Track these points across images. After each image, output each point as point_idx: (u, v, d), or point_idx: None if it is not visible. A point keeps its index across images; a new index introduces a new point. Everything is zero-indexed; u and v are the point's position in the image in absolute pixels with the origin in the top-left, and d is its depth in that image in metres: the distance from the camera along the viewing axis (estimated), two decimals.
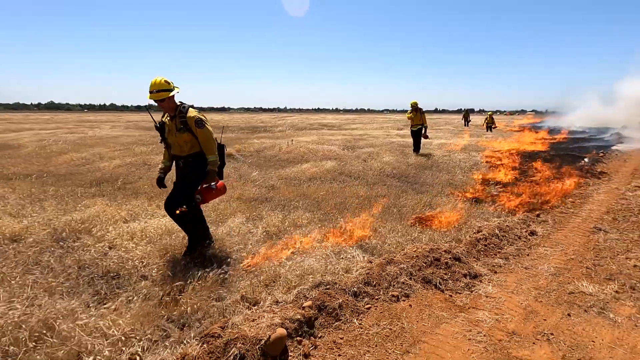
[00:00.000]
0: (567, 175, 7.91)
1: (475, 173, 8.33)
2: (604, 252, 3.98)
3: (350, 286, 2.71)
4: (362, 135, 18.32)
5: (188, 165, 3.35)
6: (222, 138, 3.81)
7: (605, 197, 6.42)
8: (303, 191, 6.54)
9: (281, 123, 34.16)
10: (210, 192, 3.44)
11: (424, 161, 9.73)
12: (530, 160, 10.16)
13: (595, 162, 10.16)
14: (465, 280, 3.18)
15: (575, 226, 4.89)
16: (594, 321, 2.61)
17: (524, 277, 3.35)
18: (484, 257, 3.75)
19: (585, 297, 2.96)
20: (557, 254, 3.95)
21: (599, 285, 3.16)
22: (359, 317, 2.48)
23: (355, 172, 8.12)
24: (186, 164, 3.36)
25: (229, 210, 5.13)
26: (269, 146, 12.38)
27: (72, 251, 3.43)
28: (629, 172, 8.76)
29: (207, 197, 3.46)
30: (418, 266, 3.19)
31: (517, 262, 3.73)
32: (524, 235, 4.49)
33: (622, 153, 12.44)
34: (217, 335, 2.00)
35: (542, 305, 2.83)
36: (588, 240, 4.37)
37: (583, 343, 2.35)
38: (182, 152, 3.33)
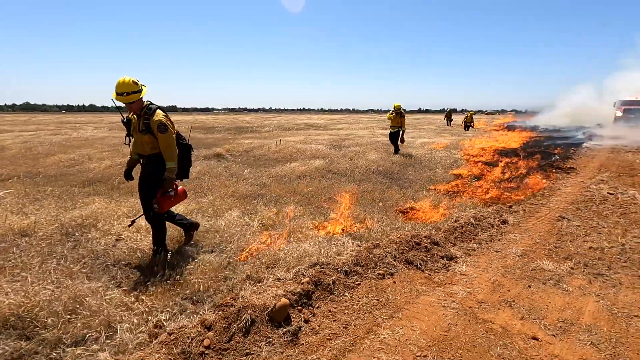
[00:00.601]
0: (539, 171, 8.51)
1: (455, 169, 8.85)
2: (565, 236, 4.47)
3: (342, 266, 3.08)
4: (348, 135, 18.75)
5: (150, 164, 3.33)
6: (208, 139, 4.08)
7: (572, 190, 7.00)
8: (293, 188, 6.88)
9: (267, 123, 34.33)
10: (168, 199, 3.35)
11: (407, 159, 10.21)
12: (506, 157, 10.78)
13: (565, 158, 10.85)
14: (442, 262, 3.60)
15: (542, 215, 5.40)
16: (549, 291, 3.06)
17: (494, 258, 3.79)
18: (460, 242, 4.19)
19: (544, 273, 3.41)
20: (525, 239, 4.42)
21: (558, 263, 3.63)
22: (350, 291, 2.86)
23: (342, 170, 8.51)
24: (149, 162, 3.34)
25: (224, 205, 5.42)
26: (257, 146, 12.66)
27: (84, 243, 3.68)
28: (595, 168, 9.44)
29: (164, 205, 3.33)
30: (401, 250, 3.59)
31: (489, 246, 4.17)
32: (497, 224, 4.96)
33: (591, 150, 13.25)
34: (230, 305, 2.34)
35: (507, 280, 3.27)
36: (553, 227, 4.87)
37: (539, 307, 2.78)
38: (144, 151, 3.32)
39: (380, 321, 2.51)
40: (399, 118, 11.03)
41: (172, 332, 2.11)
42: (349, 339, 2.31)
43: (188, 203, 5.48)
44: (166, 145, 3.21)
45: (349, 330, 2.40)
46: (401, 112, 11.07)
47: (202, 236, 3.96)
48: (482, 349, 2.25)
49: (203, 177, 7.87)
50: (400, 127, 11.11)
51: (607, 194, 6.58)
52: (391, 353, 2.17)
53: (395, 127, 11.19)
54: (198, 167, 8.99)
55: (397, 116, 11.00)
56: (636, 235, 4.47)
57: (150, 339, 2.12)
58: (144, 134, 3.20)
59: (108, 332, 2.18)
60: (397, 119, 11.04)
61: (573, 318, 2.63)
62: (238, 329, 2.20)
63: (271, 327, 2.30)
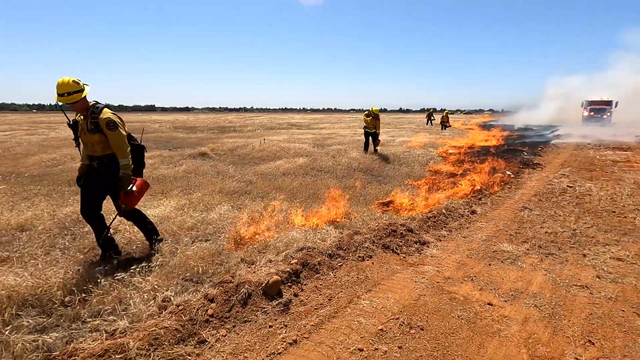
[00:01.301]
0: (508, 167, 9.14)
1: (431, 166, 9.38)
2: (526, 224, 4.99)
3: (326, 250, 3.45)
4: (331, 134, 19.18)
5: (103, 166, 3.24)
6: (191, 138, 4.35)
7: (536, 184, 7.62)
8: (279, 184, 7.21)
9: (250, 123, 34.37)
10: (132, 196, 3.32)
11: (387, 157, 10.69)
12: (479, 154, 11.43)
13: (533, 155, 11.61)
14: (416, 246, 4.02)
15: (507, 206, 5.93)
16: (506, 268, 3.52)
17: (461, 243, 4.25)
18: (432, 230, 4.63)
19: (504, 253, 3.88)
20: (490, 226, 4.91)
21: (516, 246, 4.12)
22: (334, 271, 3.23)
23: (325, 167, 8.88)
24: (101, 164, 3.24)
25: (214, 201, 5.70)
26: (241, 145, 12.88)
27: (83, 235, 3.90)
28: (559, 163, 10.19)
29: (132, 202, 3.33)
30: (379, 236, 3.99)
31: (458, 233, 4.63)
32: (466, 214, 5.44)
33: (558, 147, 14.15)
34: (229, 281, 2.66)
35: (471, 260, 3.71)
36: (516, 216, 5.39)
37: (496, 281, 3.23)
38: (95, 152, 3.23)
39: (360, 294, 2.89)
40: (374, 121, 11.31)
41: (179, 304, 2.42)
42: (332, 308, 2.68)
43: (179, 199, 5.73)
44: (117, 143, 3.15)
45: (333, 302, 2.77)
46: (377, 116, 11.33)
47: (196, 227, 4.24)
48: (445, 312, 2.66)
49: (190, 175, 8.08)
50: (375, 129, 11.38)
51: (567, 187, 7.22)
52: (369, 317, 2.55)
53: (371, 129, 11.45)
54: (184, 166, 9.18)
55: (374, 119, 11.29)
56: (586, 221, 5.04)
57: (160, 311, 2.42)
58: (93, 133, 3.12)
59: (122, 307, 2.47)
60: (373, 121, 11.32)
61: (523, 288, 3.09)
62: (237, 300, 2.53)
63: (265, 299, 2.64)
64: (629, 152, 12.50)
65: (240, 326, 2.40)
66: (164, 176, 7.96)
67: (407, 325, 2.48)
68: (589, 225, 4.85)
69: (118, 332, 2.15)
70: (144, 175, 3.70)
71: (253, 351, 2.18)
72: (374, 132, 11.45)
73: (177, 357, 2.04)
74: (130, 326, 2.22)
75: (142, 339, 2.05)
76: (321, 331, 2.39)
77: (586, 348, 2.28)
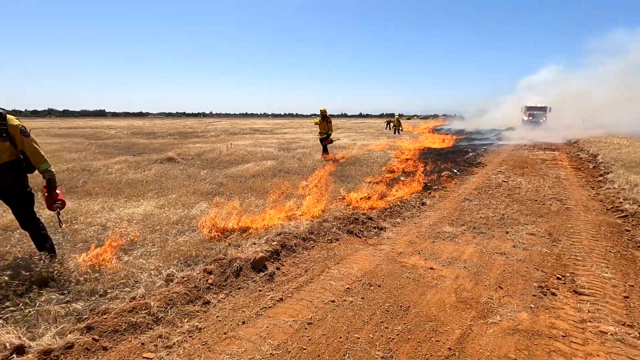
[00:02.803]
0: (455, 166, 10.30)
1: (387, 166, 10.32)
2: (465, 211, 5.93)
3: (300, 234, 4.08)
4: (294, 139, 19.82)
5: (7, 173, 3.11)
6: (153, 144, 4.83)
7: (477, 180, 8.75)
8: (249, 185, 7.72)
9: (211, 128, 34.14)
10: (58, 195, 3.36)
11: (349, 159, 11.52)
12: (430, 155, 12.62)
13: (477, 155, 13.01)
14: (374, 231, 4.76)
15: (452, 199, 6.90)
16: (446, 243, 4.35)
17: (412, 227, 5.06)
18: (389, 218, 5.41)
19: (445, 234, 4.73)
20: (436, 214, 5.79)
21: (455, 228, 5.00)
22: (308, 250, 3.87)
23: (292, 169, 9.51)
24: (5, 172, 3.10)
25: (191, 200, 6.12)
26: (208, 150, 13.16)
27: (75, 232, 4.22)
28: (498, 162, 11.57)
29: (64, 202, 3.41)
30: (344, 223, 4.69)
31: (410, 220, 5.45)
32: (417, 205, 6.31)
33: (499, 148, 15.83)
34: (222, 258, 3.21)
35: (419, 239, 4.51)
36: (458, 206, 6.34)
37: (437, 253, 4.04)
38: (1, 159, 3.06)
39: (330, 266, 3.55)
40: (325, 123, 11.14)
41: (183, 277, 2.94)
42: (308, 276, 3.31)
43: (157, 199, 6.08)
44: (33, 149, 3.10)
45: (308, 272, 3.40)
46: (328, 117, 11.14)
47: (181, 222, 4.69)
48: (397, 275, 3.39)
49: (161, 179, 8.35)
50: (328, 133, 11.25)
51: (502, 182, 8.41)
52: (338, 280, 3.22)
53: (323, 134, 11.25)
54: (153, 170, 9.39)
55: (324, 121, 11.08)
56: (513, 208, 6.08)
57: (167, 283, 2.92)
58: (4, 140, 2.99)
59: (133, 282, 2.93)
60: (324, 124, 11.13)
61: (457, 256, 3.91)
62: (231, 272, 3.09)
63: (254, 272, 3.22)
64: (556, 152, 14.35)
65: (235, 291, 2.96)
66: (134, 180, 8.17)
67: (367, 284, 3.17)
68: (515, 211, 5.89)
69: (138, 297, 2.64)
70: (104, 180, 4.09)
71: (249, 307, 2.76)
72: (324, 137, 11.27)
73: (189, 312, 2.57)
74: (146, 293, 2.71)
75: (160, 300, 2.56)
76: (301, 292, 3.02)
77: (496, 291, 3.11)
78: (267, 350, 2.23)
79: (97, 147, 16.11)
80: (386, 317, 2.65)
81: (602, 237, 4.57)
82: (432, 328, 2.54)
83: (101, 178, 8.53)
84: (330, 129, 11.28)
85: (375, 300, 2.91)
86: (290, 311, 2.70)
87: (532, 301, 2.94)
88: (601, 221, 5.29)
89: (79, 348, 2.07)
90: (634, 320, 2.65)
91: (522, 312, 2.76)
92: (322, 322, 2.56)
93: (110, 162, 10.78)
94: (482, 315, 2.72)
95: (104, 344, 2.14)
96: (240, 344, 2.29)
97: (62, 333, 2.22)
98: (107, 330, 2.23)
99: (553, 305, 2.88)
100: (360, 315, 2.67)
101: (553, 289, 3.16)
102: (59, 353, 2.01)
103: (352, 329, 2.50)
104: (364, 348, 2.29)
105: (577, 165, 10.93)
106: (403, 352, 2.26)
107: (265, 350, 2.23)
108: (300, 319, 2.59)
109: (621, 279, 3.36)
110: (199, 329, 2.43)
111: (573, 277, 3.40)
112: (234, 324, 2.52)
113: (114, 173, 9.22)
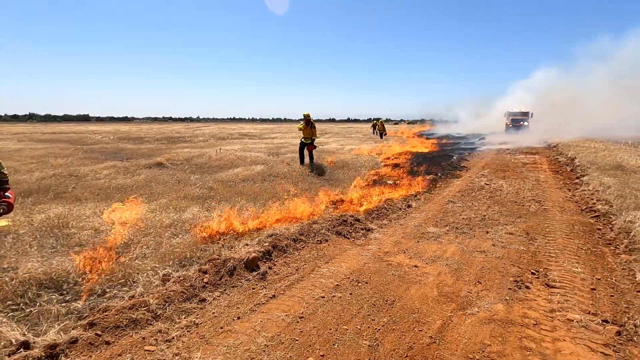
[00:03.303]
0: (440, 169, 10.62)
1: (375, 170, 10.57)
2: (449, 213, 6.19)
3: (291, 235, 4.24)
4: (283, 144, 19.94)
5: None
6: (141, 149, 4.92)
7: (461, 183, 9.06)
8: (239, 190, 7.83)
9: (199, 133, 33.97)
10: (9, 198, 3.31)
11: (338, 163, 11.73)
12: (416, 159, 12.93)
13: (461, 159, 13.40)
14: (362, 232, 4.95)
15: (437, 201, 7.16)
16: (430, 243, 4.57)
17: (398, 228, 5.27)
18: (376, 220, 5.62)
19: (429, 234, 4.96)
20: (421, 216, 6.02)
21: (439, 228, 5.23)
22: (298, 251, 4.03)
23: (282, 174, 9.65)
24: None
25: (183, 204, 6.21)
26: (197, 155, 13.19)
27: (69, 236, 4.29)
28: (481, 166, 11.96)
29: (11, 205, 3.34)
30: (333, 225, 4.87)
31: (396, 222, 5.67)
32: (403, 207, 6.54)
33: (482, 152, 16.31)
34: (217, 259, 3.35)
35: (405, 239, 4.73)
36: (442, 207, 6.60)
37: (421, 252, 4.25)
38: None
39: (320, 265, 3.72)
40: (309, 129, 10.78)
41: (179, 276, 3.06)
42: (299, 275, 3.47)
43: (149, 204, 6.15)
44: None
45: (299, 271, 3.56)
46: (311, 122, 10.81)
47: (174, 225, 4.78)
48: (383, 272, 3.58)
49: (151, 184, 8.39)
50: (312, 138, 10.87)
51: (484, 184, 8.73)
52: (327, 278, 3.39)
53: (307, 139, 10.85)
54: (143, 175, 9.41)
55: (308, 126, 10.73)
56: (494, 209, 6.36)
57: (164, 282, 3.04)
58: None
59: (131, 282, 3.04)
60: (308, 129, 10.77)
61: (440, 255, 4.13)
62: (225, 272, 3.23)
63: (247, 271, 3.36)
64: (537, 155, 14.87)
65: (229, 289, 3.10)
66: (124, 185, 8.19)
67: (355, 281, 3.35)
68: (495, 212, 6.17)
69: (137, 295, 2.76)
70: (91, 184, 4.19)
71: (243, 303, 2.90)
72: (309, 142, 10.94)
73: (186, 309, 2.70)
74: (144, 291, 2.83)
75: (158, 298, 2.68)
76: (292, 289, 3.18)
77: (475, 285, 3.32)
78: (262, 342, 2.38)
79: (84, 152, 15.94)
80: (373, 311, 2.83)
81: (575, 236, 4.87)
82: (415, 319, 2.73)
83: (90, 183, 8.52)
84: (314, 134, 11.06)
85: (362, 295, 3.09)
86: (283, 307, 2.86)
87: (507, 294, 3.16)
88: (575, 221, 5.60)
89: (83, 342, 2.19)
90: (598, 309, 2.90)
91: (498, 304, 2.98)
92: (313, 316, 2.73)
93: (98, 168, 10.73)
94: (462, 308, 2.93)
95: (106, 338, 2.26)
96: (236, 337, 2.44)
97: (65, 330, 2.33)
98: (108, 326, 2.34)
99: (526, 297, 3.11)
100: (348, 309, 2.85)
101: (527, 282, 3.40)
102: (64, 347, 2.13)
103: (341, 321, 2.67)
104: (352, 338, 2.46)
105: (555, 169, 11.39)
106: (388, 341, 2.44)
107: (260, 342, 2.38)
108: (292, 314, 2.75)
109: (589, 273, 3.63)
110: (197, 324, 2.57)
111: (546, 272, 3.65)
112: (230, 319, 2.66)
113: (102, 178, 9.21)
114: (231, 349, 2.30)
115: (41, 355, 2.02)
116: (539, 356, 2.31)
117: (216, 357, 2.22)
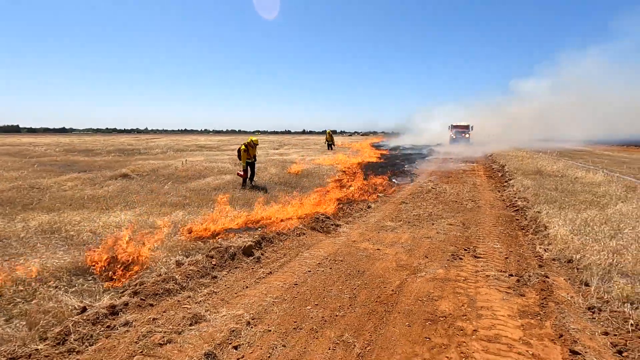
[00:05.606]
0: (393, 176, 11.92)
1: (335, 178, 11.61)
2: (402, 211, 7.31)
3: (275, 230, 5.02)
4: None
5: None
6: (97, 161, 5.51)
7: (412, 187, 10.36)
8: (213, 198, 8.40)
9: (154, 145, 33.16)
10: None
11: (302, 172, 12.61)
12: (371, 168, 14.22)
13: (412, 167, 14.93)
14: (332, 227, 5.86)
15: (392, 202, 8.29)
16: (388, 233, 5.59)
17: (362, 224, 6.25)
18: (343, 218, 6.56)
19: (387, 227, 5.99)
20: (380, 214, 7.07)
21: (395, 223, 6.29)
22: (282, 242, 4.83)
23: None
24: None
25: (165, 210, 6.70)
26: (162, 166, 13.39)
27: (70, 238, 4.70)
28: (429, 172, 13.50)
29: None
30: (308, 222, 5.72)
31: (359, 219, 6.65)
32: (364, 208, 7.57)
33: (430, 161, 18.11)
34: (220, 246, 4.05)
35: (368, 231, 5.70)
36: (396, 207, 7.72)
37: (382, 239, 5.24)
38: None
39: (302, 251, 4.56)
40: (254, 150, 10.88)
41: (192, 261, 3.73)
42: (287, 258, 4.28)
43: (132, 211, 6.57)
44: None
45: (287, 256, 4.37)
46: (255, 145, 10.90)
47: (168, 225, 5.34)
48: (354, 254, 4.50)
49: (123, 194, 8.66)
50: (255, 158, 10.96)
51: (431, 188, 10.09)
52: (310, 259, 4.23)
53: (251, 158, 11.13)
54: (112, 187, 9.58)
55: (253, 148, 10.88)
56: (439, 208, 7.59)
57: (179, 266, 3.68)
58: None
59: (152, 267, 3.65)
60: (254, 150, 10.88)
61: (396, 241, 5.15)
62: (228, 257, 3.95)
63: (245, 256, 4.11)
64: (475, 164, 16.90)
65: (233, 270, 3.83)
66: (96, 196, 8.39)
67: (333, 260, 4.23)
68: (440, 210, 7.40)
69: (163, 274, 3.39)
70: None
71: (247, 279, 3.65)
72: (252, 161, 11.03)
73: (204, 283, 3.40)
74: (167, 271, 3.48)
75: (181, 274, 3.35)
76: (284, 268, 3.98)
77: (423, 259, 4.36)
78: (270, 300, 3.16)
79: (34, 165, 15.30)
80: (349, 278, 3.73)
81: (499, 224, 6.17)
82: (381, 281, 3.66)
83: (57, 195, 8.58)
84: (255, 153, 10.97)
85: (340, 269, 3.97)
86: (280, 279, 3.66)
87: (446, 263, 4.22)
88: (500, 214, 6.97)
89: (133, 305, 2.82)
90: (507, 269, 4.04)
91: (439, 269, 4.01)
92: (304, 283, 3.56)
93: (60, 180, 10.63)
94: (413, 273, 3.92)
95: (150, 302, 2.91)
96: (249, 298, 3.19)
97: (114, 297, 2.94)
98: (149, 294, 2.99)
99: (460, 265, 4.19)
100: (330, 277, 3.72)
101: (461, 256, 4.50)
102: (119, 308, 2.75)
103: (326, 285, 3.52)
104: (336, 294, 3.33)
105: (490, 174, 13.22)
106: (362, 294, 3.34)
107: (269, 300, 3.16)
108: (288, 283, 3.56)
109: (505, 248, 4.83)
110: (215, 292, 3.28)
111: (475, 248, 4.79)
112: (240, 288, 3.41)
113: (69, 190, 9.25)
114: (247, 305, 3.06)
115: (105, 313, 2.63)
116: (465, 296, 3.34)
117: (238, 309, 2.96)
